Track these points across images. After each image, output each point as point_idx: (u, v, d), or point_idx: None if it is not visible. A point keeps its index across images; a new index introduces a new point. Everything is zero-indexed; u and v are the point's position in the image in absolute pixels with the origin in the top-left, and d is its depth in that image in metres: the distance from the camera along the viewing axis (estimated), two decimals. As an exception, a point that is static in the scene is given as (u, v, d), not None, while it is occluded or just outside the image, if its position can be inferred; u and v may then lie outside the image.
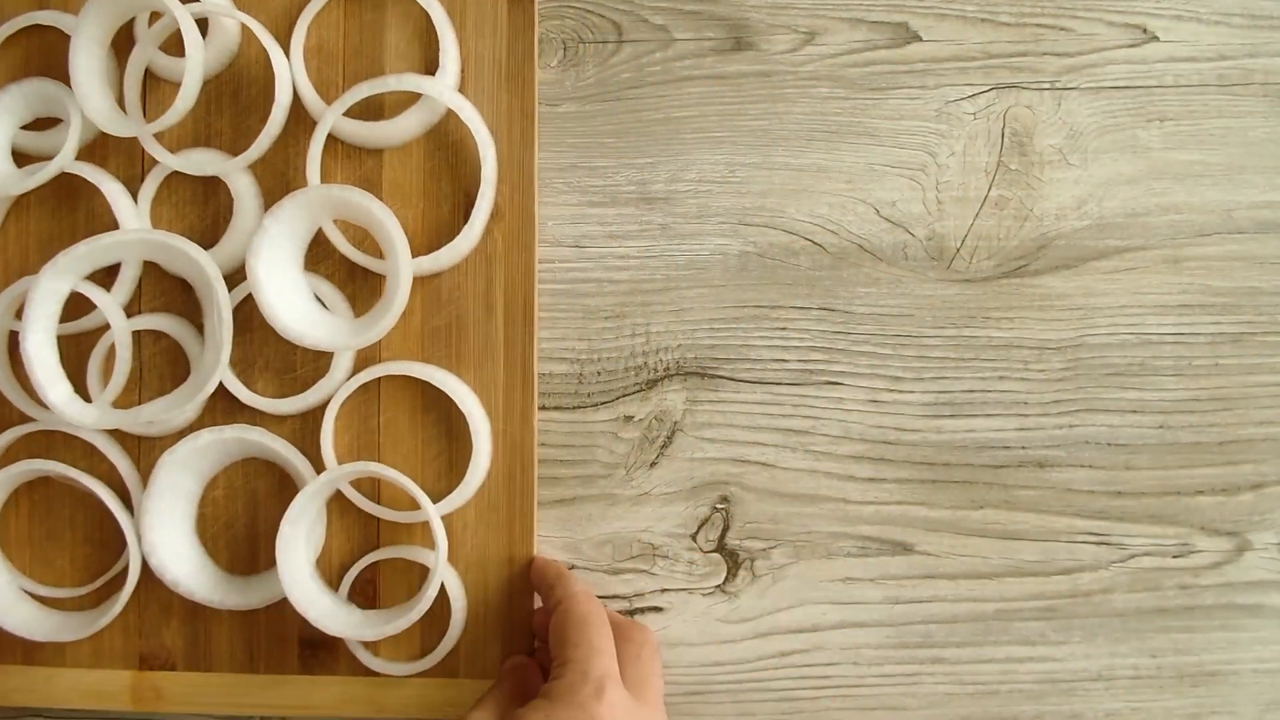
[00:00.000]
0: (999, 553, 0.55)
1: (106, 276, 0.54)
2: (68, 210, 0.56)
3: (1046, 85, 0.56)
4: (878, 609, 0.55)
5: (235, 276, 0.54)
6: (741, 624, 0.56)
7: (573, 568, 0.56)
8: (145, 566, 0.53)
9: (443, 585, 0.53)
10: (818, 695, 0.55)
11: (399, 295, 0.51)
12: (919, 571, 0.55)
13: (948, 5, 0.56)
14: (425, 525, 0.54)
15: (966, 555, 0.55)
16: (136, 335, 0.55)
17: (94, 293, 0.53)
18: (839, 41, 0.56)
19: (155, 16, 0.55)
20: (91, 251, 0.52)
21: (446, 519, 0.54)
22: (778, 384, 0.56)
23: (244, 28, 0.54)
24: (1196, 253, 0.56)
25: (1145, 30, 0.56)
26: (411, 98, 0.54)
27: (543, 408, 0.56)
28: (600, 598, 0.55)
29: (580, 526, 0.56)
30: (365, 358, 0.55)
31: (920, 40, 0.56)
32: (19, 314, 0.54)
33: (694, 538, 0.56)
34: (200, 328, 0.55)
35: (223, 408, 0.55)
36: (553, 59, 0.56)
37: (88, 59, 0.54)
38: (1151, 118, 0.56)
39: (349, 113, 0.54)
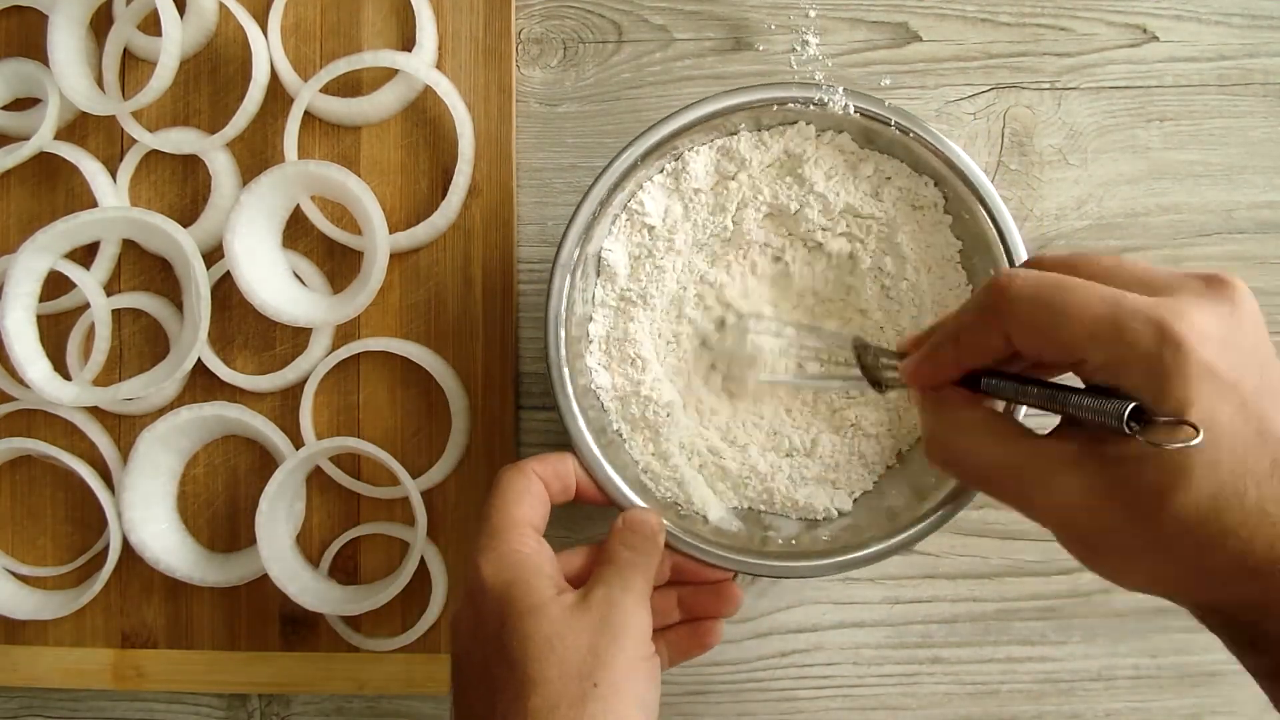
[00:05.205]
0: (999, 553, 0.55)
1: (86, 255, 0.55)
2: (47, 189, 0.56)
3: (1046, 85, 0.56)
4: (878, 609, 0.55)
5: (214, 255, 0.54)
6: (741, 624, 0.55)
7: None
8: (126, 544, 0.53)
9: (423, 560, 0.53)
10: (818, 695, 0.55)
11: (376, 271, 0.51)
12: (919, 571, 0.55)
13: (948, 5, 0.56)
14: (405, 501, 0.54)
15: (966, 555, 0.55)
16: (116, 314, 0.55)
17: (73, 271, 0.53)
18: (839, 41, 0.56)
19: (133, -5, 0.55)
20: (70, 229, 0.52)
21: (426, 495, 0.54)
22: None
23: (221, 6, 0.54)
24: (1196, 253, 0.55)
25: (1145, 30, 0.56)
26: (389, 74, 0.54)
27: (543, 408, 0.56)
28: None
29: (580, 526, 0.56)
30: (344, 334, 0.55)
31: (920, 40, 0.56)
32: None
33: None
34: (180, 306, 0.55)
35: (202, 385, 0.55)
36: (553, 59, 0.56)
37: (66, 38, 0.54)
38: (1151, 118, 0.56)
39: (326, 90, 0.54)
